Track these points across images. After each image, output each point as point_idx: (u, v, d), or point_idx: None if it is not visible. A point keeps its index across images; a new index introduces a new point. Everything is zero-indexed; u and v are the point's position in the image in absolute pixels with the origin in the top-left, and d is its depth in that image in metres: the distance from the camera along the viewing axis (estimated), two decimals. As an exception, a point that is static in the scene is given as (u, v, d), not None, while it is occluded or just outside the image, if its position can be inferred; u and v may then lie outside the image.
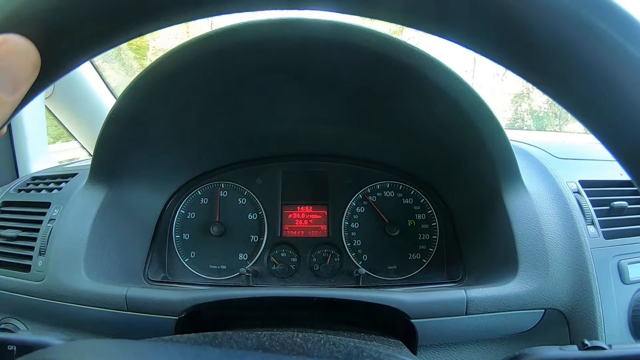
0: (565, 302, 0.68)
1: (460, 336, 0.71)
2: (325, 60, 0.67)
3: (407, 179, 1.00)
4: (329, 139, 0.97)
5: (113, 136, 0.75)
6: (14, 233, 0.84)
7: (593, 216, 0.77)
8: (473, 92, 0.66)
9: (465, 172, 0.85)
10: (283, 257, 0.97)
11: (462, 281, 0.86)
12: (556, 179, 0.80)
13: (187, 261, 0.97)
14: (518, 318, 0.68)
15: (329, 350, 0.39)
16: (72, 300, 0.72)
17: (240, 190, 1.01)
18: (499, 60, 0.25)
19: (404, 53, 0.63)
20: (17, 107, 0.25)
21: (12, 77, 0.24)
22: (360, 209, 1.00)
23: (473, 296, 0.67)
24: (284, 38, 0.62)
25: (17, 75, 0.24)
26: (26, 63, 0.24)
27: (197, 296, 0.69)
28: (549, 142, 0.98)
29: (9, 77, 0.24)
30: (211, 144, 0.93)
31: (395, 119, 0.82)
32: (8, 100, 0.24)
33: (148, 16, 0.25)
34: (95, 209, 0.78)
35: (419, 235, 0.97)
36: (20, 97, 0.25)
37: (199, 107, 0.78)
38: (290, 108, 0.83)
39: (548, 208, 0.75)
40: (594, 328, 0.68)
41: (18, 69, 0.24)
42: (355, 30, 0.61)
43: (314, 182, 1.02)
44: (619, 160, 0.24)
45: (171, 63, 0.65)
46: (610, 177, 0.85)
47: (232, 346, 0.36)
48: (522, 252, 0.70)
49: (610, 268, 0.74)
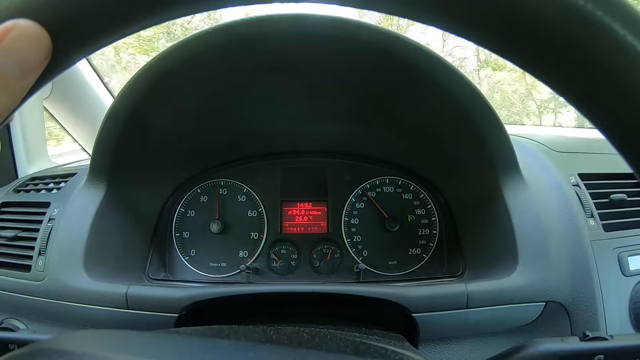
0: (566, 294, 0.68)
1: (461, 330, 0.71)
2: (325, 57, 0.67)
3: (407, 175, 1.00)
4: (329, 136, 0.97)
5: (111, 135, 0.74)
6: (13, 233, 0.84)
7: (592, 209, 0.77)
8: (473, 88, 0.66)
9: (465, 167, 0.85)
10: (283, 253, 0.97)
11: (463, 275, 0.86)
12: (555, 173, 0.80)
13: (187, 259, 0.97)
14: (519, 311, 0.68)
15: (337, 345, 0.39)
16: (72, 300, 0.72)
17: (239, 188, 1.01)
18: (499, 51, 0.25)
19: (403, 49, 0.63)
20: (27, 94, 0.25)
21: (21, 62, 0.23)
22: (360, 204, 1.00)
23: (474, 290, 0.67)
24: (283, 34, 0.62)
25: (26, 61, 0.23)
26: (37, 49, 0.23)
27: (197, 293, 0.69)
28: (548, 136, 0.98)
29: (17, 63, 0.23)
30: (210, 142, 0.93)
31: (395, 115, 0.82)
32: (17, 86, 0.24)
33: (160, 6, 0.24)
34: (95, 208, 0.78)
35: (419, 230, 0.97)
36: (30, 84, 0.25)
37: (198, 105, 0.78)
38: (289, 105, 0.83)
39: (548, 201, 0.75)
40: (595, 320, 0.69)
41: (28, 54, 0.23)
42: (356, 25, 0.61)
43: (314, 178, 1.02)
44: (619, 151, 0.24)
45: (169, 60, 0.64)
46: (609, 170, 0.85)
47: (240, 339, 0.36)
48: (522, 245, 0.70)
49: (611, 260, 0.74)
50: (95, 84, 1.30)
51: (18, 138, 1.19)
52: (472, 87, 0.66)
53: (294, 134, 0.96)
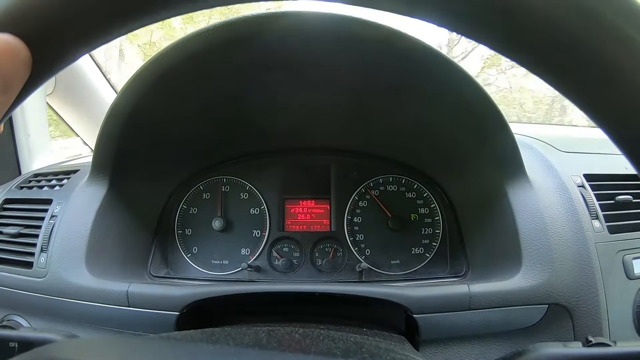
0: (569, 297, 0.67)
1: (463, 331, 0.70)
2: (326, 54, 0.66)
3: (410, 173, 1.00)
4: (331, 133, 0.96)
5: (114, 132, 0.74)
6: (16, 230, 0.84)
7: (598, 210, 0.76)
8: (477, 86, 0.65)
9: (469, 166, 0.84)
10: (285, 251, 0.97)
11: (466, 276, 0.86)
12: (560, 173, 0.79)
13: (189, 256, 0.97)
14: (521, 313, 0.67)
15: (327, 346, 0.38)
16: (74, 297, 0.72)
17: (242, 185, 1.01)
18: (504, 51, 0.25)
19: (405, 46, 0.62)
20: (11, 106, 0.25)
21: (1, 76, 0.23)
22: (363, 203, 0.99)
23: (476, 291, 0.67)
24: (284, 31, 0.62)
25: (7, 75, 0.23)
26: (17, 62, 0.23)
27: (197, 292, 0.69)
28: (553, 136, 0.97)
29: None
30: (212, 138, 0.93)
31: (398, 113, 0.81)
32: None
33: (139, 11, 0.24)
34: (97, 205, 0.78)
35: (422, 230, 0.97)
36: (13, 97, 0.25)
37: (199, 102, 0.78)
38: (290, 102, 0.82)
39: (552, 202, 0.74)
40: (599, 324, 0.68)
41: (8, 68, 0.23)
42: (357, 23, 0.60)
43: (316, 176, 1.02)
44: (624, 152, 0.24)
45: (170, 58, 0.64)
46: (614, 171, 0.84)
47: (229, 343, 0.36)
48: (526, 246, 0.69)
49: (615, 263, 0.73)
50: (98, 80, 1.30)
51: (21, 134, 1.20)
52: (476, 86, 0.65)
53: (296, 132, 0.96)
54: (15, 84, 0.24)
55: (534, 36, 0.22)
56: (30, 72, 0.24)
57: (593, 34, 0.21)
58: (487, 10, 0.22)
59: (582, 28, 0.21)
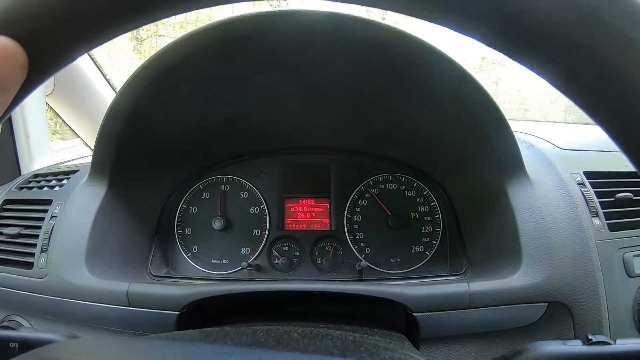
0: (570, 295, 0.67)
1: (463, 330, 0.70)
2: (324, 53, 0.66)
3: (410, 171, 1.00)
4: (331, 132, 0.96)
5: (113, 132, 0.74)
6: (16, 230, 0.84)
7: (598, 208, 0.76)
8: (476, 84, 0.65)
9: (469, 165, 0.84)
10: (285, 250, 0.97)
11: (466, 274, 0.86)
12: (560, 171, 0.79)
13: (189, 256, 0.97)
14: (522, 311, 0.67)
15: (326, 345, 0.39)
16: (74, 297, 0.72)
17: (242, 184, 1.01)
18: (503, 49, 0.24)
19: (405, 44, 0.62)
20: (9, 107, 0.25)
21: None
22: (363, 201, 0.99)
23: (476, 289, 0.66)
24: (282, 30, 0.61)
25: (4, 77, 0.23)
26: (13, 64, 0.23)
27: (197, 291, 0.69)
28: (553, 133, 0.97)
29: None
30: (212, 138, 0.92)
31: (398, 112, 0.81)
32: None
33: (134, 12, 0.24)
34: (97, 205, 0.78)
35: (422, 228, 0.97)
36: (9, 99, 0.25)
37: (198, 101, 0.78)
38: (290, 101, 0.82)
39: (552, 200, 0.74)
40: (599, 322, 0.68)
41: (4, 70, 0.23)
42: (355, 21, 0.60)
43: (316, 175, 1.01)
44: (623, 150, 0.24)
45: (168, 58, 0.64)
46: (615, 169, 0.84)
47: (227, 342, 0.36)
48: (526, 244, 0.69)
49: (616, 261, 0.73)
50: (97, 80, 1.30)
51: (20, 135, 1.20)
52: (476, 84, 0.65)
53: (296, 131, 0.96)
54: (13, 85, 0.24)
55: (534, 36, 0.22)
56: (27, 74, 0.24)
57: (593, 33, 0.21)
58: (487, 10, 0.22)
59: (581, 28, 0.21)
